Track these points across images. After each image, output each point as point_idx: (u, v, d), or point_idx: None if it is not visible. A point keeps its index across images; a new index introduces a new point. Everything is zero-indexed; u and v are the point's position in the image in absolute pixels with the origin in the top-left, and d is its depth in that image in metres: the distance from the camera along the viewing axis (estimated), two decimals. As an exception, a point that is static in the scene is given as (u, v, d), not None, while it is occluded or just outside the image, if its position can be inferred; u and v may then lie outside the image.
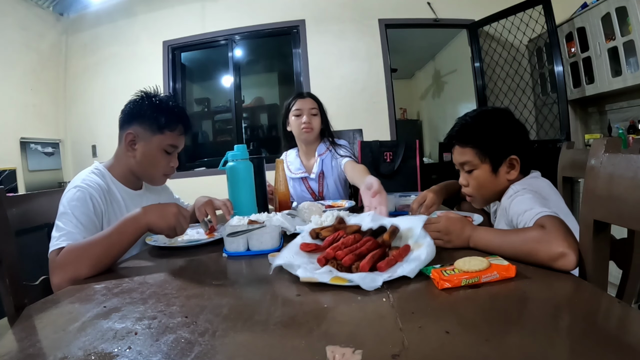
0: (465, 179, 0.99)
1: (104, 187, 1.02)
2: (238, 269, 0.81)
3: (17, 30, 3.13)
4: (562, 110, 2.74)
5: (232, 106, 3.57)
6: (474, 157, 0.94)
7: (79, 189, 0.96)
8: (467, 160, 0.96)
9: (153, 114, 1.05)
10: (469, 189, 0.99)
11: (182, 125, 1.09)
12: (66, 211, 0.91)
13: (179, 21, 3.44)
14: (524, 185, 0.87)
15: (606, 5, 2.33)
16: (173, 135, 1.08)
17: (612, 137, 2.53)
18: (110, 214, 1.01)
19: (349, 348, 0.41)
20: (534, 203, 0.78)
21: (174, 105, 1.10)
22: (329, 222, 1.07)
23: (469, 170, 0.97)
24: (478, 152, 0.94)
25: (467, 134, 0.96)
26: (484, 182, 0.95)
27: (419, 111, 6.24)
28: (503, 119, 0.97)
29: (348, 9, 3.30)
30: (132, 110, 1.06)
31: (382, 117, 3.25)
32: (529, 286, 0.59)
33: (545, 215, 0.71)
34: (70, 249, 0.83)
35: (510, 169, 0.93)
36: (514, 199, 0.84)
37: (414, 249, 0.71)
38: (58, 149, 3.50)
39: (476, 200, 1.01)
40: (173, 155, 1.11)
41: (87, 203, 0.94)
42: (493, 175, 0.94)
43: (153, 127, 1.05)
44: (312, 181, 1.68)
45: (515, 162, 0.93)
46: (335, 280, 0.62)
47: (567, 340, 0.44)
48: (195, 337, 0.47)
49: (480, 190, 0.97)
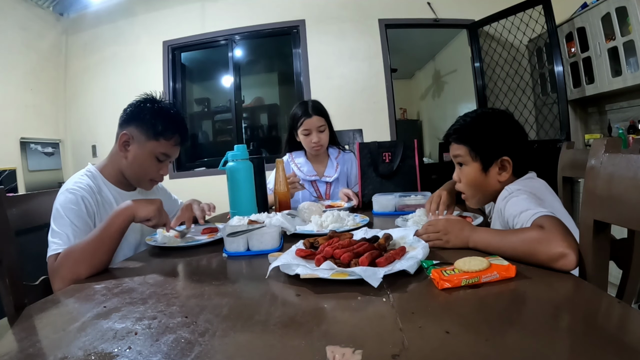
0: (458, 175, 1.01)
1: (95, 189, 1.02)
2: (238, 269, 0.81)
3: (17, 30, 3.13)
4: (562, 110, 2.74)
5: (232, 106, 3.57)
6: (465, 153, 0.97)
7: (71, 191, 0.97)
8: (459, 154, 0.99)
9: (152, 119, 1.04)
10: (461, 185, 1.01)
11: (178, 135, 1.09)
12: (60, 215, 0.92)
13: (179, 21, 3.44)
14: (518, 186, 0.87)
15: (606, 5, 2.33)
16: (168, 144, 1.07)
17: (612, 137, 2.53)
18: (102, 215, 1.01)
19: (349, 348, 0.41)
20: (529, 203, 0.77)
21: (175, 115, 1.09)
22: (329, 222, 1.07)
23: (460, 163, 0.99)
24: (470, 150, 0.96)
25: (462, 132, 0.98)
26: (473, 179, 0.97)
27: (419, 111, 6.24)
28: (500, 121, 0.99)
29: (348, 9, 3.30)
30: (132, 112, 1.06)
31: (382, 117, 3.25)
32: (529, 286, 0.59)
33: (542, 215, 0.71)
34: (66, 253, 0.84)
35: (502, 171, 0.94)
36: (509, 200, 0.84)
37: (409, 251, 0.74)
38: (58, 149, 3.50)
39: (468, 199, 1.02)
40: (164, 164, 1.10)
41: (79, 205, 0.95)
42: (483, 174, 0.95)
43: (149, 133, 1.04)
44: (321, 184, 1.73)
45: (507, 164, 0.93)
46: (336, 276, 0.62)
47: (567, 340, 0.44)
48: (195, 337, 0.47)
49: (470, 187, 0.99)
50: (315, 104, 1.66)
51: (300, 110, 1.65)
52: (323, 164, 1.75)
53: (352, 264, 0.66)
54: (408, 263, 0.64)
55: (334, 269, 0.64)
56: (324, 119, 1.64)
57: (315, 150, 1.66)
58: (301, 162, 1.73)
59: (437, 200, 1.09)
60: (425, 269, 0.65)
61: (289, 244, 0.84)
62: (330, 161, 1.75)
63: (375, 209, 1.33)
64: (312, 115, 1.61)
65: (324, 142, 1.66)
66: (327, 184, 1.73)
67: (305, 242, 0.82)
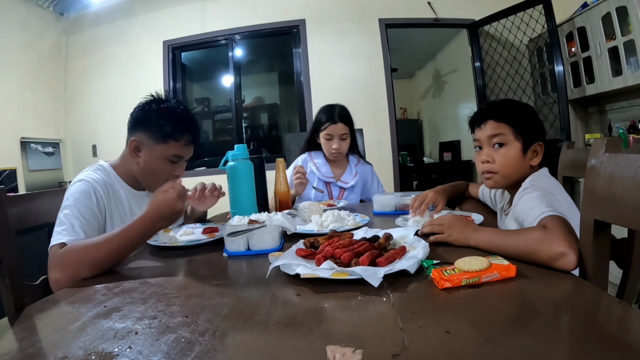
0: (491, 155, 0.97)
1: (108, 184, 1.01)
2: (238, 268, 0.81)
3: (17, 30, 3.13)
4: (563, 110, 2.74)
5: (232, 106, 3.57)
6: (509, 132, 0.95)
7: (83, 182, 0.96)
8: (501, 133, 0.96)
9: (159, 121, 1.01)
10: (495, 165, 0.97)
11: (188, 134, 1.05)
12: (69, 204, 0.91)
13: (179, 21, 3.44)
14: (533, 182, 0.89)
15: (606, 5, 2.33)
16: (178, 145, 1.03)
17: (613, 136, 2.52)
18: (112, 210, 1.00)
19: (349, 348, 0.41)
20: (540, 202, 0.79)
21: (183, 114, 1.05)
22: (330, 222, 1.07)
23: (500, 143, 0.96)
24: (513, 130, 0.95)
25: (505, 110, 0.98)
26: (512, 159, 0.96)
27: (419, 111, 6.25)
28: (531, 109, 1.02)
29: (348, 9, 3.30)
30: (138, 116, 1.03)
31: (383, 117, 3.25)
32: (529, 286, 0.59)
33: (548, 216, 0.72)
34: (71, 249, 0.81)
35: (534, 156, 0.97)
36: (523, 195, 0.87)
37: (410, 250, 0.74)
38: (58, 148, 3.50)
39: (495, 179, 0.99)
40: (178, 165, 1.07)
41: (90, 196, 0.94)
42: (522, 155, 0.96)
43: (157, 136, 1.01)
44: (335, 187, 1.73)
45: (539, 149, 0.96)
46: (336, 275, 0.62)
47: (567, 340, 0.44)
48: (195, 336, 0.47)
49: (505, 167, 0.97)
50: (343, 111, 1.66)
51: (326, 114, 1.64)
52: (342, 168, 1.75)
53: (353, 263, 0.67)
54: (408, 263, 0.64)
55: (334, 269, 0.64)
56: (348, 128, 1.65)
57: (334, 156, 1.67)
58: (320, 162, 1.72)
59: (421, 199, 1.09)
60: (426, 269, 0.65)
61: (289, 243, 0.84)
62: (350, 167, 1.74)
63: (376, 209, 1.33)
64: (337, 122, 1.61)
65: (343, 149, 1.66)
66: (341, 189, 1.72)
67: (306, 241, 0.82)
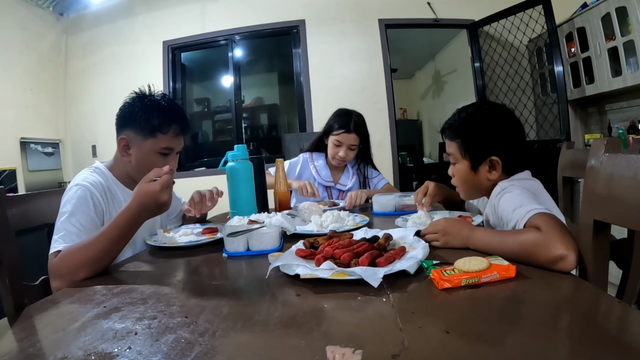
0: (451, 171, 1.02)
1: (105, 186, 1.01)
2: (238, 269, 0.81)
3: (17, 30, 3.13)
4: (562, 110, 2.75)
5: (232, 106, 3.57)
6: (456, 151, 0.97)
7: (80, 187, 0.94)
8: (450, 152, 0.99)
9: (144, 116, 1.00)
10: (454, 179, 1.02)
11: (176, 125, 1.03)
12: (66, 211, 0.91)
13: (179, 21, 3.44)
14: (512, 182, 0.86)
15: (606, 5, 2.33)
16: (166, 137, 1.02)
17: (612, 137, 2.53)
18: (111, 213, 1.00)
19: (349, 348, 0.41)
20: (523, 199, 0.77)
21: (168, 105, 1.04)
22: (329, 222, 1.07)
23: (453, 162, 1.00)
24: (460, 148, 0.96)
25: (453, 129, 0.98)
26: (463, 176, 0.97)
27: (419, 111, 6.25)
28: (495, 118, 0.95)
29: (348, 9, 3.30)
30: (123, 114, 1.03)
31: (382, 117, 3.25)
32: (529, 286, 0.59)
33: (537, 214, 0.71)
34: (66, 253, 0.81)
35: (492, 170, 0.92)
36: (502, 196, 0.83)
37: (409, 251, 0.74)
38: (58, 149, 3.50)
39: (461, 192, 1.03)
40: (171, 157, 1.06)
41: (87, 202, 0.93)
42: (472, 172, 0.95)
43: (145, 131, 1.00)
44: (335, 190, 1.74)
45: (496, 164, 0.91)
46: (336, 276, 0.62)
47: (567, 340, 0.44)
48: (195, 337, 0.47)
49: (461, 183, 1.00)
50: (359, 122, 1.64)
51: (341, 121, 1.62)
52: (340, 171, 1.77)
53: (352, 264, 0.67)
54: (408, 263, 0.64)
55: (334, 269, 0.64)
56: (359, 139, 1.63)
57: (338, 163, 1.68)
58: (320, 165, 1.73)
59: (423, 191, 1.12)
60: (425, 269, 0.65)
61: (289, 244, 0.84)
62: (347, 170, 1.75)
63: (375, 209, 1.33)
64: (352, 132, 1.60)
65: (349, 159, 1.67)
66: (340, 192, 1.74)
67: (305, 242, 0.82)
